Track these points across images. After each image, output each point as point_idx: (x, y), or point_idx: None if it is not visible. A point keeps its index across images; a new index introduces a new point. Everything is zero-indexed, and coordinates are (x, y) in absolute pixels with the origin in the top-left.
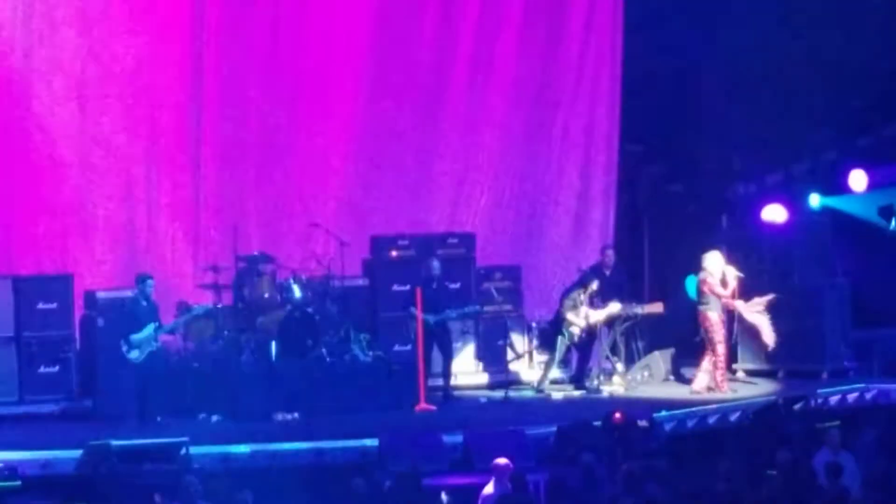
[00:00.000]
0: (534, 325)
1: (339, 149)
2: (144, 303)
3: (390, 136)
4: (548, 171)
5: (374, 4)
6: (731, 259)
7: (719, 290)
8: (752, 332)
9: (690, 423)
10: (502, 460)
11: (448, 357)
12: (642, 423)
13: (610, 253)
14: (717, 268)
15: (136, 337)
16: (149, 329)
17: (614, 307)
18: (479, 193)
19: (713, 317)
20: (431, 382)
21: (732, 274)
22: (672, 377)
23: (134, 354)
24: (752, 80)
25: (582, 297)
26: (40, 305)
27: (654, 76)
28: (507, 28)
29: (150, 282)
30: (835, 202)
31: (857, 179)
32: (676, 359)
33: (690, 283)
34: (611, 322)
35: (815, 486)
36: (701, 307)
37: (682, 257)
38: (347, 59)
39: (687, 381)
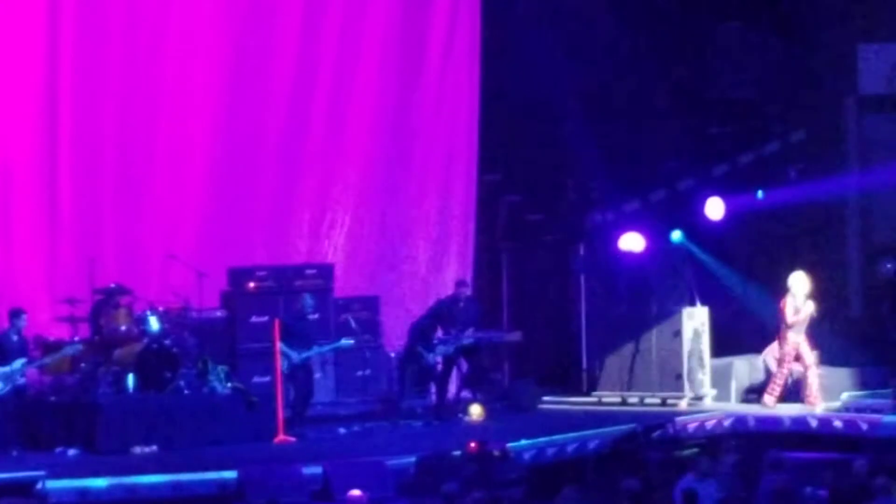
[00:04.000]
0: (392, 355)
1: (196, 180)
2: (15, 337)
3: (249, 167)
4: (407, 201)
5: (231, 35)
6: (588, 286)
7: (789, 315)
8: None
9: (550, 452)
10: (356, 492)
11: (310, 391)
12: (496, 452)
13: (464, 289)
14: (800, 290)
15: (2, 370)
16: (18, 363)
17: (467, 338)
18: (338, 224)
19: (788, 338)
20: (291, 414)
21: (810, 307)
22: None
23: None
24: (609, 108)
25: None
26: None
27: (512, 105)
28: (365, 58)
29: (23, 316)
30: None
31: (714, 207)
32: (537, 387)
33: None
34: (470, 352)
35: None
36: (781, 326)
37: (540, 286)
38: (205, 90)
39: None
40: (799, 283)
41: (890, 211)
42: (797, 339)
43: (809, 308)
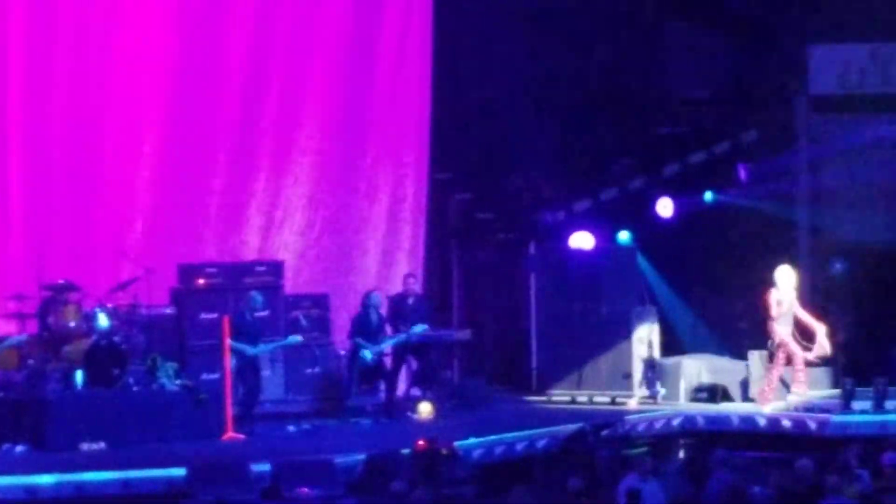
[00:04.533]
0: (342, 352)
1: (146, 176)
2: None
3: (199, 164)
4: (358, 200)
5: (182, 30)
6: (539, 285)
7: (773, 307)
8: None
9: (499, 451)
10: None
11: (258, 388)
12: (444, 450)
13: (411, 280)
14: (785, 283)
15: None
16: None
17: (416, 333)
18: (290, 221)
19: (777, 330)
20: (240, 412)
21: (790, 297)
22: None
23: None
24: (561, 107)
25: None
26: None
27: (464, 104)
28: (317, 56)
29: None
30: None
31: (665, 207)
32: (487, 386)
33: None
34: (419, 350)
35: None
36: (770, 320)
37: (491, 284)
38: (154, 86)
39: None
40: (784, 276)
41: (840, 211)
42: (784, 331)
43: (790, 298)
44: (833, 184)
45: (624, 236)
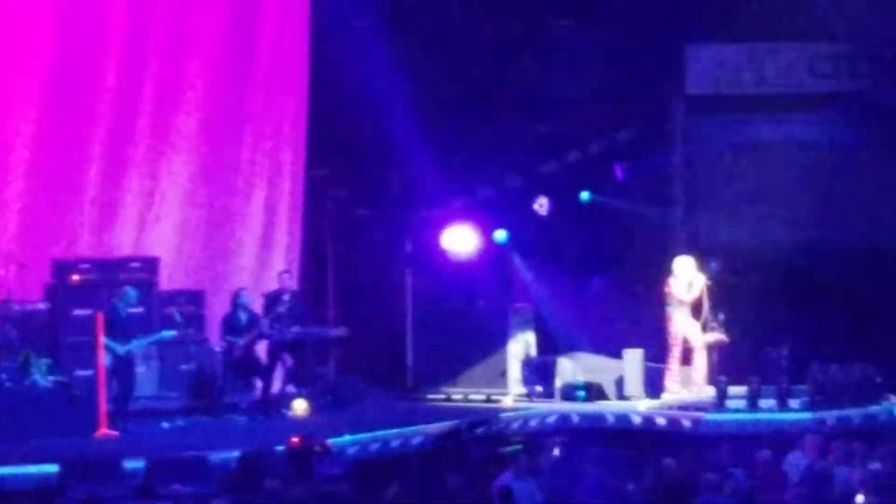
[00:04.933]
0: (217, 349)
1: (20, 171)
2: None
3: (75, 159)
4: (235, 196)
5: (57, 24)
6: (415, 283)
7: (683, 293)
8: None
9: (374, 448)
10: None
11: (132, 384)
12: (318, 447)
13: (286, 276)
14: (685, 273)
15: None
16: None
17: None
18: (165, 218)
19: (675, 318)
20: (113, 408)
21: (700, 281)
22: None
23: None
24: (438, 104)
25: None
26: None
27: (341, 101)
28: (194, 52)
29: None
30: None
31: (542, 205)
32: (363, 383)
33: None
34: (295, 348)
35: None
36: (667, 308)
37: (367, 281)
38: (29, 81)
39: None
40: (682, 265)
41: (715, 211)
42: (680, 318)
43: (685, 285)
44: (708, 184)
45: (500, 235)
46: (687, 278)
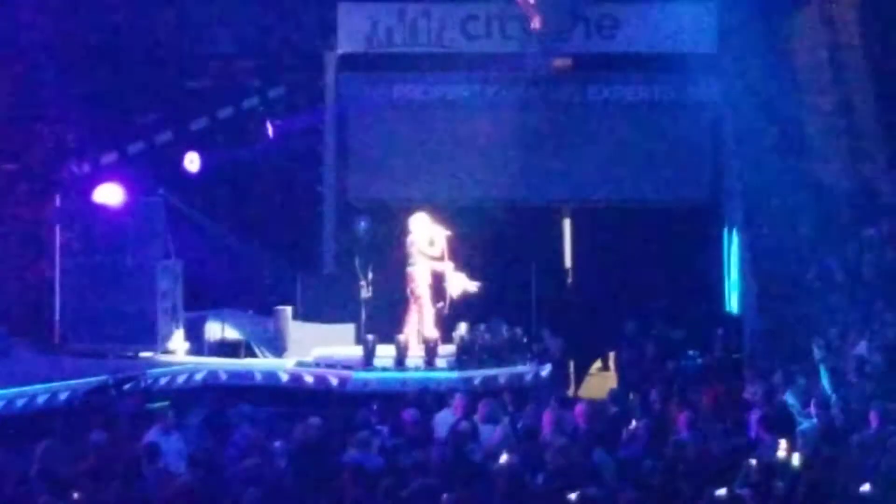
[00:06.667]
0: None
1: None
2: None
3: None
4: None
5: None
6: (64, 238)
7: (428, 250)
8: None
9: (20, 403)
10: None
11: None
12: None
13: None
14: (423, 229)
15: None
16: None
17: None
18: None
19: (419, 275)
20: None
21: (440, 234)
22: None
23: None
24: (87, 57)
25: None
26: None
27: None
28: None
29: None
30: None
31: (192, 161)
32: (8, 336)
33: None
34: None
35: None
36: (408, 268)
37: (14, 236)
38: None
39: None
40: (418, 222)
41: (366, 170)
42: (423, 273)
43: (426, 241)
44: (359, 142)
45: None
46: (427, 235)
